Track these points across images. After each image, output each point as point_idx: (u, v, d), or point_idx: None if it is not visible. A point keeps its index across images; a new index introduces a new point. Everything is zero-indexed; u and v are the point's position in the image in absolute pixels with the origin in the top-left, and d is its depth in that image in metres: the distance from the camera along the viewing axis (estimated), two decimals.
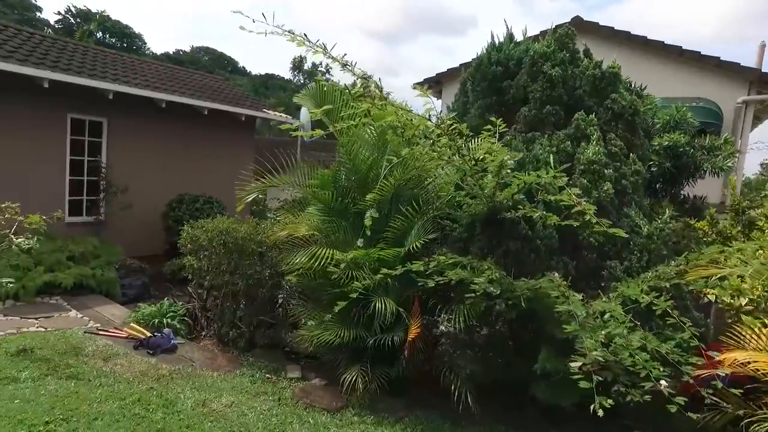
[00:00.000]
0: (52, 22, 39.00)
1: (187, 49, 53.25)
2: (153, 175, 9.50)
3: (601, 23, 10.33)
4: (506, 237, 4.38)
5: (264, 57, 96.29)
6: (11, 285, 4.94)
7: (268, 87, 47.31)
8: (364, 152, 5.08)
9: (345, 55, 4.04)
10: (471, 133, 3.76)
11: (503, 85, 6.04)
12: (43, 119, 8.04)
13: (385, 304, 4.21)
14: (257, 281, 5.23)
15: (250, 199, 5.13)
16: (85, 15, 37.80)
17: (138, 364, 4.78)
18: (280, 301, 5.61)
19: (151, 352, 5.11)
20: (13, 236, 4.88)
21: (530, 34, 6.85)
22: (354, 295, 3.73)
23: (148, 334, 5.36)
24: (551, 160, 3.76)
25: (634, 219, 4.70)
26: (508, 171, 3.76)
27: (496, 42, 6.36)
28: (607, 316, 3.53)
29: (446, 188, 5.09)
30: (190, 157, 10.29)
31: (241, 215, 5.60)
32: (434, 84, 11.87)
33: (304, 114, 13.99)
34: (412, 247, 4.58)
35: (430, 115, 3.74)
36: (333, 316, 4.61)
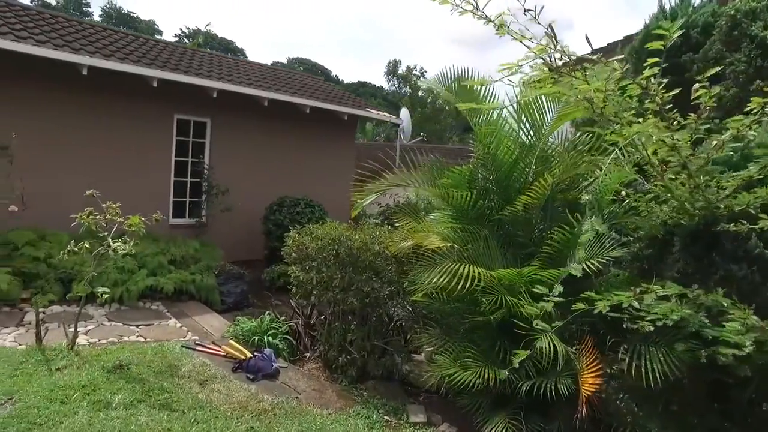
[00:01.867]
0: None
1: (284, 60, 55.52)
2: (253, 176, 9.10)
3: None
4: (726, 258, 3.12)
5: (356, 66, 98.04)
6: (106, 295, 4.50)
7: (359, 94, 47.61)
8: (508, 143, 4.05)
9: (503, 13, 3.03)
10: (717, 105, 2.59)
11: (681, 59, 4.73)
12: (152, 120, 7.93)
13: (553, 344, 3.11)
14: (374, 300, 4.35)
15: (367, 203, 4.27)
16: (195, 34, 40.66)
17: (237, 392, 4.10)
18: (397, 322, 4.70)
19: (251, 377, 4.42)
20: (111, 240, 4.43)
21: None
22: (544, 344, 2.71)
23: (248, 355, 4.70)
24: None
25: None
26: None
27: (668, 7, 5.06)
28: None
29: (612, 189, 3.93)
30: (290, 159, 9.83)
31: (354, 221, 4.80)
32: None
33: (405, 115, 13.27)
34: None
35: (647, 83, 2.64)
36: (472, 350, 3.63)
